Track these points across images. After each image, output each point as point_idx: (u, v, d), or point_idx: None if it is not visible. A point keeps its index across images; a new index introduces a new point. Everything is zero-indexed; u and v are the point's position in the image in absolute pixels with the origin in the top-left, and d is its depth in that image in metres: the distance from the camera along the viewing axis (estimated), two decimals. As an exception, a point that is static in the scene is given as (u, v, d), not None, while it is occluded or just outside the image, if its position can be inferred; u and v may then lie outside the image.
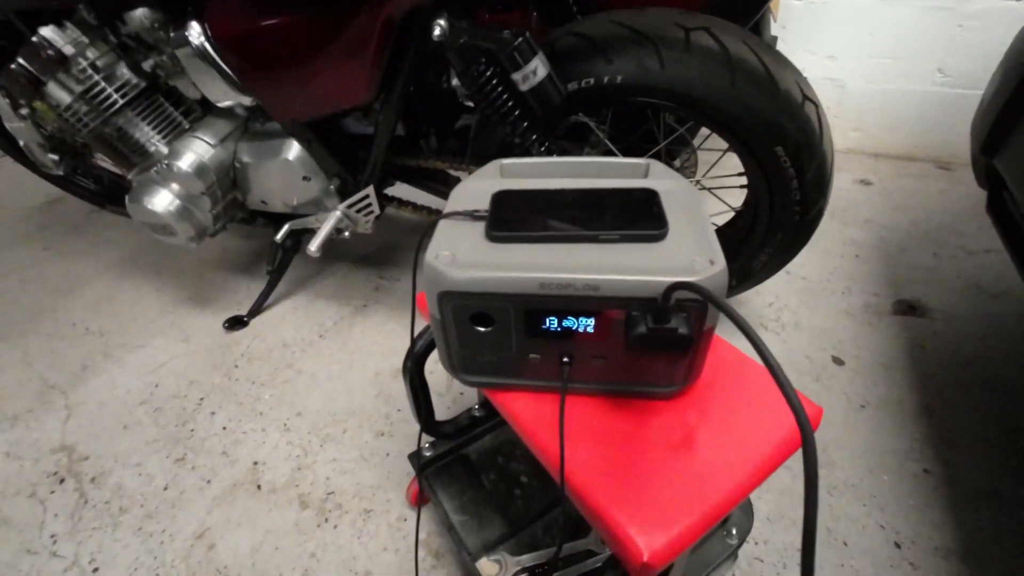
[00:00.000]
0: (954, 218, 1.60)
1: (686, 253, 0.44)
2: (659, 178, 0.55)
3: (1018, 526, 0.83)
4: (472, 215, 0.50)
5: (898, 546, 0.82)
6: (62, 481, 0.95)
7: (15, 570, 0.83)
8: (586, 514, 0.45)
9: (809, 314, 1.26)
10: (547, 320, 0.45)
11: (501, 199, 0.51)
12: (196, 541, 0.86)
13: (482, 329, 0.48)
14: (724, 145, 0.95)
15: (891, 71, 1.83)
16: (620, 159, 0.58)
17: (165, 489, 0.93)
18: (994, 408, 1.02)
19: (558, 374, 0.49)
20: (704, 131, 1.43)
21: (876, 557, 0.80)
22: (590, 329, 0.45)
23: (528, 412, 0.52)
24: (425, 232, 0.50)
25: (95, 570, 0.82)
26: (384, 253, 1.54)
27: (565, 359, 0.48)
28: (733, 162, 0.98)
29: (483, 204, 0.51)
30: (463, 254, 0.46)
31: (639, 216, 0.48)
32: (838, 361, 1.14)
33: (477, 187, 0.55)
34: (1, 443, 1.02)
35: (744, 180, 0.97)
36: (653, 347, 0.42)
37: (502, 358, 0.50)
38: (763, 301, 1.30)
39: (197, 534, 0.87)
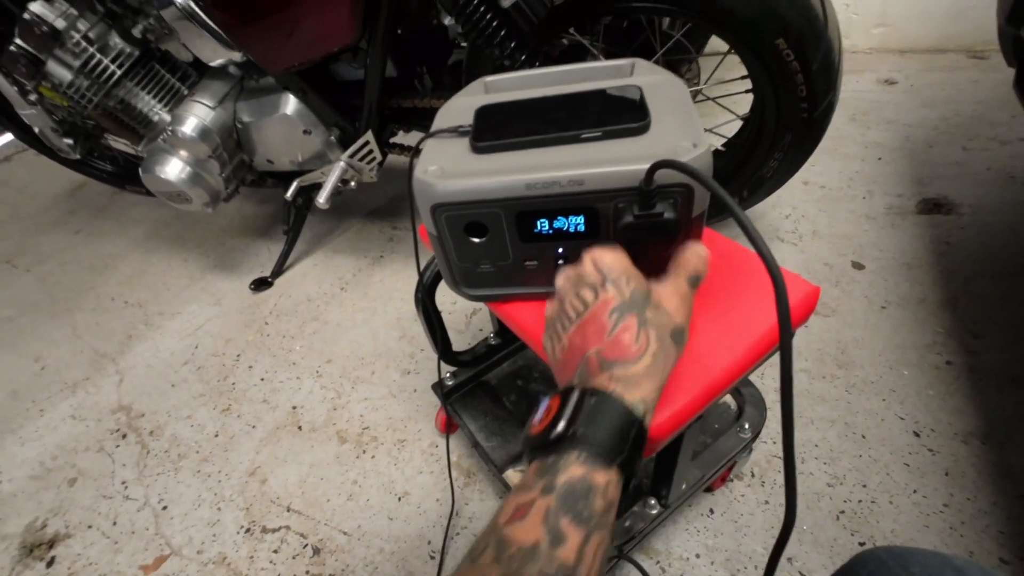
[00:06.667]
0: (986, 108, 1.50)
1: (670, 141, 0.43)
2: (644, 75, 0.53)
3: (1043, 406, 0.83)
4: (457, 131, 0.51)
5: (917, 435, 0.83)
6: (124, 436, 1.04)
7: (96, 512, 0.92)
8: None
9: (828, 222, 1.23)
10: (538, 223, 0.46)
11: (484, 112, 0.51)
12: (249, 478, 0.93)
13: (477, 240, 0.49)
14: (725, 49, 0.91)
15: (915, -47, 1.68)
16: (604, 62, 0.57)
17: (216, 436, 1.01)
18: (1022, 295, 0.99)
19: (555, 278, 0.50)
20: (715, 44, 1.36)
21: (894, 446, 0.82)
22: (580, 227, 0.46)
23: (530, 318, 0.54)
24: (413, 154, 0.51)
25: (164, 507, 0.91)
26: (394, 204, 1.55)
27: (560, 261, 0.49)
28: (739, 70, 0.94)
29: (468, 120, 0.51)
30: (450, 167, 0.47)
31: (621, 112, 0.47)
32: (858, 266, 1.12)
33: (462, 105, 0.55)
34: (66, 408, 1.11)
35: (748, 84, 0.94)
36: (641, 235, 0.43)
37: (500, 268, 0.51)
38: (780, 214, 1.27)
39: (249, 471, 0.94)
